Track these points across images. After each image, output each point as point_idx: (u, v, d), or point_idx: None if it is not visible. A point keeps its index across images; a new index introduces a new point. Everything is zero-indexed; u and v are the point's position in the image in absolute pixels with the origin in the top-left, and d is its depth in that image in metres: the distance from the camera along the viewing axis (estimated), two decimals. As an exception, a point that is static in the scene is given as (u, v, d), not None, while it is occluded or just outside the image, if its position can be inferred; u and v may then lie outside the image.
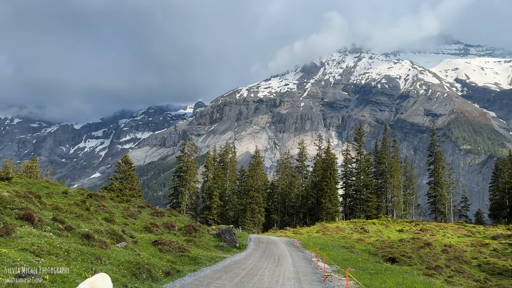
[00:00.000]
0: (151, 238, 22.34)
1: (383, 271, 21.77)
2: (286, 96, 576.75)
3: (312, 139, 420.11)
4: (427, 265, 33.44)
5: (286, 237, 51.04)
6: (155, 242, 21.17)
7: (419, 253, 38.13)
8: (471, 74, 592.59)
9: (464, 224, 67.12)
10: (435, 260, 36.00)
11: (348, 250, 37.68)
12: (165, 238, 22.91)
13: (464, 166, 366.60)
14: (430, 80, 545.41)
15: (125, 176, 69.33)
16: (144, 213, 31.02)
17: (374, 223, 67.72)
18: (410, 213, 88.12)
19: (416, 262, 34.34)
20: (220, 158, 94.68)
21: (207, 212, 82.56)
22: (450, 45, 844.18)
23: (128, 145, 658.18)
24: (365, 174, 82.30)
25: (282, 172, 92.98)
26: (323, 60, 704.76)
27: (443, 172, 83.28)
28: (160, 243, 20.91)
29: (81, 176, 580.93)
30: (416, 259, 35.65)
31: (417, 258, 36.10)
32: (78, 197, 27.15)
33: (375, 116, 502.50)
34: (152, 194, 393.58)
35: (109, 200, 30.74)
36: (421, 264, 33.80)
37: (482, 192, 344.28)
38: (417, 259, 35.76)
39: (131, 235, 20.99)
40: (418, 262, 34.68)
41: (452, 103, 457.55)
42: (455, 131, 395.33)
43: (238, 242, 30.52)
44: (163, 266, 16.88)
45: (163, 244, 20.76)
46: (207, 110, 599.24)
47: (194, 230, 28.68)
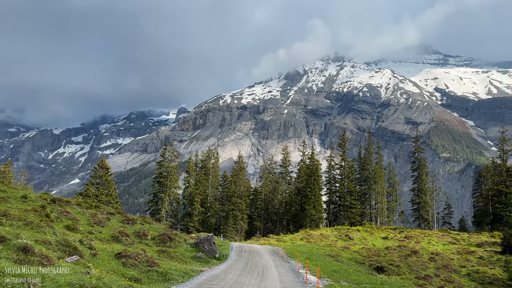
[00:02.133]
0: (114, 250, 19.38)
1: (379, 284, 20.04)
2: (270, 103, 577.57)
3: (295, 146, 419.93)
4: (416, 274, 32.17)
5: (269, 245, 49.23)
6: (119, 255, 18.22)
7: (407, 262, 36.88)
8: (450, 84, 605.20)
9: (448, 231, 66.57)
10: (424, 269, 34.79)
11: (334, 258, 36.14)
12: (132, 249, 20.26)
13: (444, 173, 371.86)
14: (411, 89, 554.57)
15: (102, 181, 66.58)
16: (114, 220, 28.46)
17: (358, 230, 66.57)
18: (394, 220, 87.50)
19: (405, 271, 33.03)
20: (202, 164, 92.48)
21: (188, 219, 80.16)
22: (430, 55, 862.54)
23: (109, 151, 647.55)
24: (349, 181, 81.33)
25: (266, 178, 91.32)
26: (306, 68, 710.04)
27: (427, 179, 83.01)
28: (125, 255, 18.06)
29: (59, 182, 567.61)
30: (404, 268, 34.35)
31: (405, 267, 34.80)
32: (39, 203, 24.72)
33: (357, 124, 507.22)
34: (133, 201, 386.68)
35: (75, 206, 28.24)
36: (410, 274, 32.51)
37: (461, 200, 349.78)
38: (405, 268, 34.46)
39: (90, 246, 18.28)
40: (407, 271, 33.37)
41: (432, 112, 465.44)
42: (435, 139, 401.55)
43: (218, 253, 28.21)
44: (120, 287, 14.10)
45: (128, 257, 17.93)
46: (190, 116, 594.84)
47: (169, 240, 26.26)
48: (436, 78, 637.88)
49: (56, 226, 20.95)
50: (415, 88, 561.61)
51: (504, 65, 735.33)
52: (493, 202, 70.30)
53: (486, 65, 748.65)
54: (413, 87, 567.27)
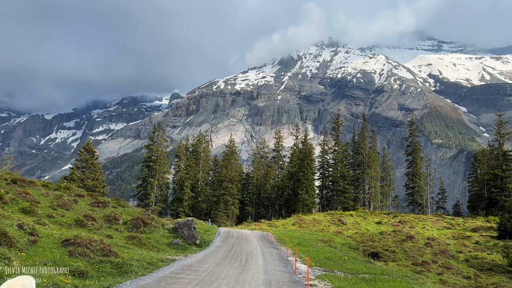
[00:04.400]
0: (63, 236, 16.23)
1: (379, 274, 18.12)
2: (263, 89, 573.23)
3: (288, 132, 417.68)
4: (413, 260, 30.66)
5: (260, 231, 47.60)
6: (66, 242, 15.34)
7: (402, 247, 35.38)
8: (444, 70, 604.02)
9: (443, 216, 65.46)
10: (421, 255, 33.29)
11: (327, 244, 34.49)
12: (94, 235, 17.26)
13: (436, 159, 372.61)
14: (404, 75, 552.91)
15: (88, 165, 64.30)
16: (82, 203, 26.21)
17: (351, 215, 65.27)
18: (387, 204, 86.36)
19: (401, 258, 31.52)
20: (193, 148, 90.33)
21: (178, 204, 78.29)
22: (424, 41, 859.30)
23: (101, 137, 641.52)
24: (342, 165, 79.75)
25: (258, 162, 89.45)
26: (300, 53, 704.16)
27: (421, 163, 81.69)
28: (73, 243, 15.20)
29: (52, 168, 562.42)
30: (400, 253, 32.84)
31: (401, 252, 33.30)
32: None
33: (350, 110, 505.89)
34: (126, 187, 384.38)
35: (40, 187, 25.91)
36: (407, 260, 31.00)
37: (452, 185, 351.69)
38: (401, 253, 32.95)
39: (31, 232, 15.42)
40: (403, 257, 31.87)
41: (425, 98, 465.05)
42: (428, 125, 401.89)
43: (199, 239, 25.88)
44: (49, 284, 10.80)
45: (77, 245, 15.06)
46: (183, 102, 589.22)
47: (143, 224, 24.05)
48: (430, 64, 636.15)
49: (8, 208, 18.85)
50: (409, 74, 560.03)
51: (498, 52, 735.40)
52: (489, 187, 69.16)
53: (479, 51, 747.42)
54: (407, 73, 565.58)
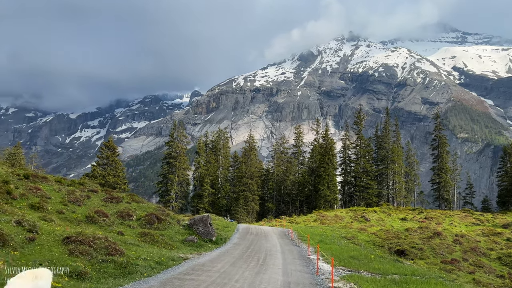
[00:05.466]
0: (65, 234, 15.16)
1: (409, 275, 16.75)
2: (283, 85, 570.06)
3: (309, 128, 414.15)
4: (441, 258, 29.14)
5: (280, 227, 46.60)
6: (67, 240, 14.32)
7: (430, 244, 33.81)
8: (469, 62, 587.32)
9: (471, 212, 62.99)
10: (450, 252, 31.71)
11: (351, 241, 33.24)
12: (89, 232, 15.87)
13: (461, 154, 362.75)
14: (428, 68, 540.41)
15: (109, 162, 64.57)
16: (95, 198, 25.68)
17: (375, 211, 63.49)
18: (412, 200, 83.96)
19: (428, 255, 30.04)
20: (212, 144, 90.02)
21: (198, 200, 78.06)
22: (448, 33, 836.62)
23: (124, 135, 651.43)
24: (365, 160, 77.80)
25: (278, 157, 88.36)
26: (320, 48, 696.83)
27: (447, 157, 78.95)
28: (75, 240, 14.10)
29: (77, 166, 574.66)
30: (428, 251, 31.34)
31: (429, 250, 31.78)
32: (8, 178, 21.83)
33: (372, 105, 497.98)
34: (149, 184, 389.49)
35: (53, 182, 25.50)
36: (435, 258, 29.51)
37: (479, 181, 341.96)
38: (429, 251, 31.44)
39: (30, 229, 14.43)
40: (431, 254, 30.38)
41: (449, 92, 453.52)
42: (452, 119, 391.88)
43: (215, 235, 24.85)
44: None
45: (79, 243, 13.95)
46: (203, 99, 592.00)
47: (157, 220, 23.29)
48: (454, 56, 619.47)
49: (17, 204, 18.41)
50: (432, 68, 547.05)
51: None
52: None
53: (506, 42, 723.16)
54: (430, 66, 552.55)
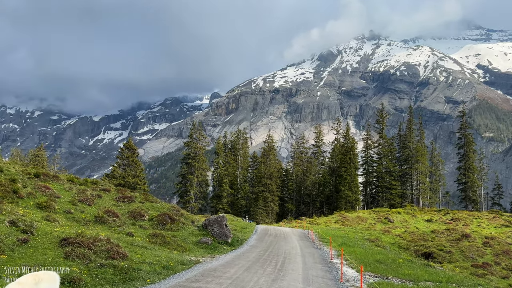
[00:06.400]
0: (62, 235, 13.98)
1: (444, 282, 15.37)
2: (302, 85, 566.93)
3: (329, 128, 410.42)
4: (472, 262, 27.57)
5: (300, 228, 45.44)
6: (64, 242, 13.15)
7: (458, 247, 32.15)
8: (494, 60, 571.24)
9: (500, 213, 60.38)
10: (480, 255, 30.03)
11: (374, 243, 31.89)
12: (89, 234, 14.86)
13: (487, 154, 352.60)
14: (451, 66, 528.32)
15: (129, 162, 64.69)
16: (107, 198, 25.00)
17: (399, 212, 61.59)
18: (437, 201, 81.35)
19: (457, 259, 28.48)
20: (231, 145, 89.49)
21: (217, 201, 77.58)
22: (472, 30, 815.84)
23: (146, 137, 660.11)
24: (388, 160, 75.70)
25: (297, 157, 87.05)
26: (340, 48, 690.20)
27: (474, 157, 76.10)
28: (73, 242, 12.91)
29: (100, 167, 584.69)
30: (456, 254, 29.75)
31: (457, 253, 30.18)
32: (16, 177, 21.44)
33: (394, 104, 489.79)
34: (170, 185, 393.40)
35: (64, 181, 24.99)
36: (464, 261, 27.94)
37: (505, 181, 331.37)
38: (458, 254, 29.85)
39: (25, 229, 13.36)
40: (460, 258, 28.80)
41: (473, 90, 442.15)
42: (477, 118, 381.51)
43: (230, 237, 23.69)
44: None
45: (77, 245, 12.80)
46: (223, 101, 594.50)
47: (170, 221, 22.40)
48: (478, 54, 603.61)
49: (23, 203, 17.93)
50: (456, 66, 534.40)
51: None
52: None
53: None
54: (454, 64, 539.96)
